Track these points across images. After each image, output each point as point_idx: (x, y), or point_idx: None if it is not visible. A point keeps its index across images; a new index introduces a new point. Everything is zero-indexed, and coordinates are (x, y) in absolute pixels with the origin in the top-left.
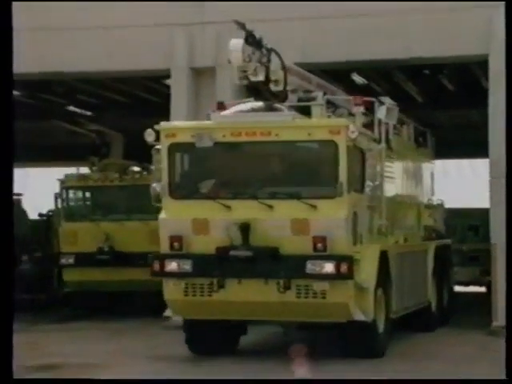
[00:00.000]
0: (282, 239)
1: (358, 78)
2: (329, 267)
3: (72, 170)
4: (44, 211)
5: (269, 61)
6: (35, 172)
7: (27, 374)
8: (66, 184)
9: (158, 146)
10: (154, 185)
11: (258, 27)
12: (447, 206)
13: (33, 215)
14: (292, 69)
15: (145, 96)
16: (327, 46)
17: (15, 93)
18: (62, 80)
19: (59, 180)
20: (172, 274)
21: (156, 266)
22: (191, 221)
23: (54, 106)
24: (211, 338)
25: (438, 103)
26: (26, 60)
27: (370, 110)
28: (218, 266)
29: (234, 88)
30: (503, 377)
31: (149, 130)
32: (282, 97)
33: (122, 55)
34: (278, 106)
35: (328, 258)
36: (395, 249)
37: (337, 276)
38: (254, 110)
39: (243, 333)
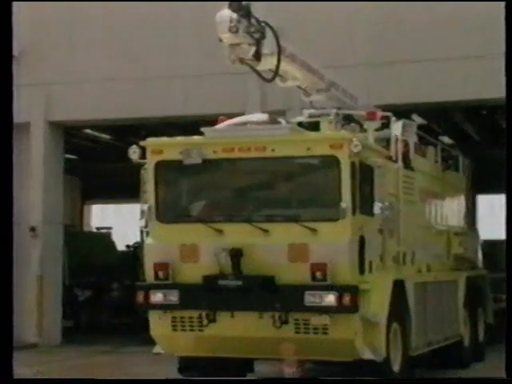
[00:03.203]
0: (277, 267)
1: (417, 119)
2: (329, 299)
3: None
4: (131, 243)
5: (262, 35)
6: (125, 208)
7: None
8: None
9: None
10: (144, 208)
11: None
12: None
13: (121, 247)
14: (296, 57)
15: None
16: (390, 90)
17: (106, 136)
18: (146, 124)
19: None
20: (157, 306)
21: (140, 296)
22: (178, 246)
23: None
24: (211, 377)
25: (495, 141)
26: (115, 107)
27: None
28: (206, 297)
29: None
30: None
31: (133, 147)
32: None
33: (199, 101)
34: (276, 119)
35: (329, 288)
36: (415, 278)
37: (339, 309)
38: (248, 123)
39: (249, 370)
